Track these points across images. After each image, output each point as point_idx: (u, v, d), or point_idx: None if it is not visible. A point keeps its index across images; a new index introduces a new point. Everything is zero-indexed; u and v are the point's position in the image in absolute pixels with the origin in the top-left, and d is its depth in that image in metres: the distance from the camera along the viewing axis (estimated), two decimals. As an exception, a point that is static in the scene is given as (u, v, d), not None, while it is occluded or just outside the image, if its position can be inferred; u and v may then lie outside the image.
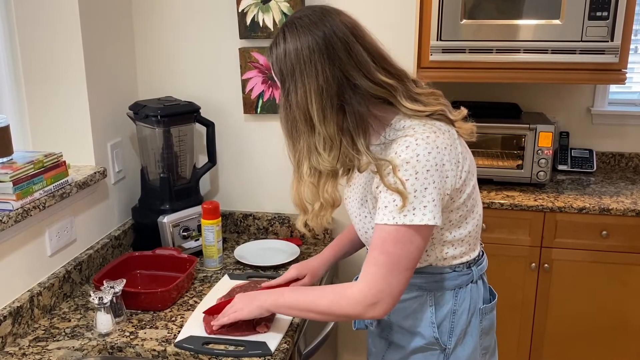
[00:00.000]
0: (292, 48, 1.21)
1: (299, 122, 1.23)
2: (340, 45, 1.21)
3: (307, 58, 1.20)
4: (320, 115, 1.21)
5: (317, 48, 1.20)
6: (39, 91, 1.82)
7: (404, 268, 1.22)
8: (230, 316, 1.43)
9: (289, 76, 1.22)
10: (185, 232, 1.95)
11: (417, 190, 1.18)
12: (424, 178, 1.18)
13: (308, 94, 1.20)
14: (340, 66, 1.20)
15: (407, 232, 1.20)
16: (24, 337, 1.51)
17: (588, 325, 2.43)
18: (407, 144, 1.20)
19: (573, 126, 2.83)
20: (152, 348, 1.45)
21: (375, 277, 1.22)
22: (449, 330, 1.37)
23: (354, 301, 1.25)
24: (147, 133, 1.94)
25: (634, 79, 2.84)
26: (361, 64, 1.22)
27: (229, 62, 2.04)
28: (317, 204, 1.28)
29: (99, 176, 1.81)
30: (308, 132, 1.23)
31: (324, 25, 1.21)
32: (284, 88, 1.25)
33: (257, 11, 1.95)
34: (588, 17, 2.27)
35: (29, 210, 1.50)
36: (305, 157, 1.25)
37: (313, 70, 1.20)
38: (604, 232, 2.32)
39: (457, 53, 2.39)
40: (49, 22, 1.76)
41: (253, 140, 2.11)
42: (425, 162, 1.18)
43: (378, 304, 1.23)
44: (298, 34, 1.21)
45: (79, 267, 1.75)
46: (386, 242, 1.21)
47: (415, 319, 1.37)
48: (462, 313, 1.37)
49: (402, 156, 1.19)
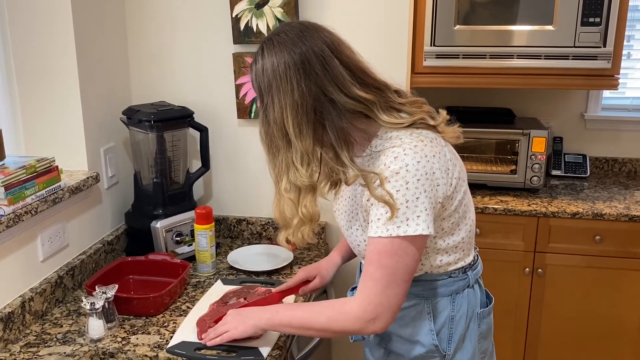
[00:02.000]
0: (269, 64, 1.22)
1: (276, 137, 1.23)
2: (316, 60, 1.21)
3: (283, 73, 1.21)
4: (296, 130, 1.21)
5: (293, 64, 1.20)
6: (31, 96, 1.81)
7: (402, 280, 1.22)
8: (223, 336, 1.40)
9: (266, 92, 1.23)
10: (179, 237, 1.94)
11: (408, 201, 1.18)
12: (414, 188, 1.18)
13: (284, 110, 1.21)
14: (317, 81, 1.20)
15: (402, 244, 1.20)
16: (15, 343, 1.50)
17: (582, 329, 2.44)
18: (395, 154, 1.20)
19: (566, 131, 2.84)
20: (144, 354, 1.44)
21: (374, 292, 1.21)
22: (448, 336, 1.36)
23: (352, 317, 1.24)
24: (141, 138, 1.94)
25: (627, 84, 2.85)
26: (337, 78, 1.21)
27: (222, 67, 2.04)
28: (295, 219, 1.27)
29: (91, 181, 1.81)
30: (285, 148, 1.23)
31: (301, 42, 1.22)
32: (262, 104, 1.25)
33: (251, 16, 1.95)
34: (581, 23, 2.28)
35: (20, 215, 1.50)
36: (284, 172, 1.25)
37: (288, 86, 1.20)
38: (597, 237, 2.32)
39: (451, 58, 2.39)
40: (42, 27, 1.75)
41: (247, 145, 2.10)
42: (415, 172, 1.18)
43: (378, 318, 1.22)
44: (275, 51, 1.22)
45: (71, 272, 1.75)
46: (382, 256, 1.21)
47: (414, 327, 1.36)
48: (460, 318, 1.36)
49: (391, 167, 1.19)
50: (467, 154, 2.60)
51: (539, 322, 2.46)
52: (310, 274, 1.61)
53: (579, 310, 2.41)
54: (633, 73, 2.85)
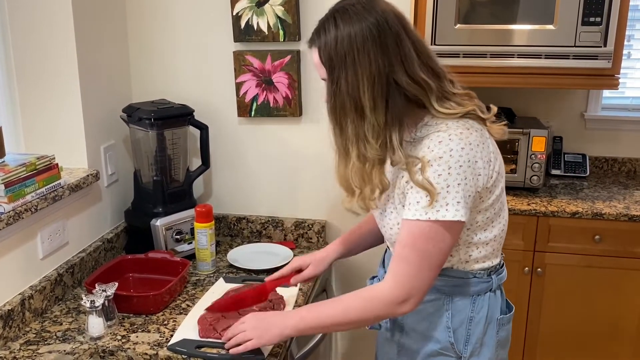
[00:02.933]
0: (345, 34, 1.19)
1: (348, 109, 1.21)
2: (391, 35, 1.19)
3: (361, 46, 1.18)
4: (371, 103, 1.19)
5: (371, 36, 1.18)
6: (32, 93, 1.81)
7: (435, 265, 1.22)
8: (247, 345, 1.34)
9: (341, 63, 1.20)
10: (178, 236, 1.94)
11: (450, 186, 1.17)
12: (456, 174, 1.17)
13: (361, 82, 1.18)
14: (389, 57, 1.18)
15: (440, 229, 1.19)
16: (15, 341, 1.50)
17: (581, 329, 2.44)
18: (440, 139, 1.19)
19: (566, 131, 2.84)
20: (144, 352, 1.44)
21: (407, 274, 1.22)
22: (465, 337, 1.35)
23: (386, 301, 1.24)
24: (141, 136, 1.94)
25: (627, 84, 2.85)
26: (407, 58, 1.20)
27: (223, 65, 2.04)
28: (367, 189, 1.26)
29: (91, 179, 1.80)
30: (357, 120, 1.21)
31: (377, 13, 1.19)
32: (333, 75, 1.22)
33: (252, 14, 1.95)
34: (581, 23, 2.28)
35: (20, 213, 1.49)
36: (353, 144, 1.23)
37: (366, 59, 1.18)
38: (596, 237, 2.32)
39: (451, 57, 2.39)
40: (43, 24, 1.75)
41: (247, 143, 2.10)
42: (459, 158, 1.18)
43: (408, 300, 1.23)
44: (351, 21, 1.19)
45: (71, 270, 1.75)
46: (417, 239, 1.21)
47: (431, 322, 1.35)
48: (479, 321, 1.35)
49: (434, 151, 1.18)
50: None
51: (538, 322, 2.46)
52: (304, 262, 1.59)
53: (578, 309, 2.41)
54: (633, 73, 2.84)
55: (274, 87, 2.01)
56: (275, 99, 2.02)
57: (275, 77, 2.00)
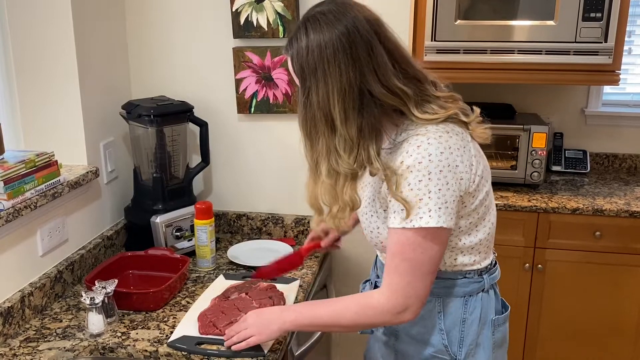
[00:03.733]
0: (315, 45, 1.15)
1: (318, 122, 1.18)
2: (363, 44, 1.16)
3: (331, 57, 1.15)
4: (342, 116, 1.16)
5: (341, 47, 1.14)
6: (31, 90, 1.81)
7: (427, 272, 1.20)
8: (249, 341, 1.35)
9: (311, 74, 1.17)
10: (178, 232, 1.94)
11: (431, 192, 1.15)
12: (437, 179, 1.15)
13: (331, 94, 1.15)
14: (360, 68, 1.15)
15: (426, 236, 1.17)
16: (15, 338, 1.50)
17: (581, 325, 2.44)
18: (419, 143, 1.16)
19: (567, 127, 2.84)
20: (143, 349, 1.44)
21: (401, 285, 1.20)
22: (459, 339, 1.32)
23: (381, 310, 1.22)
24: (140, 133, 1.93)
25: (628, 80, 2.84)
26: (380, 67, 1.17)
27: (222, 61, 2.03)
28: (335, 207, 1.23)
29: (91, 176, 1.80)
30: (328, 133, 1.18)
31: (348, 21, 1.16)
32: (304, 86, 1.19)
33: (251, 11, 1.94)
34: (582, 18, 2.27)
35: (20, 209, 1.49)
36: (324, 158, 1.20)
37: (336, 70, 1.15)
38: (597, 233, 2.32)
39: (452, 54, 2.39)
40: (42, 21, 1.74)
41: (247, 140, 2.10)
42: (438, 163, 1.15)
43: (407, 309, 1.21)
44: (322, 30, 1.16)
45: (71, 267, 1.74)
46: (405, 248, 1.19)
47: (424, 326, 1.33)
48: (472, 322, 1.32)
49: (413, 156, 1.16)
50: (468, 149, 2.58)
51: (539, 318, 2.45)
52: (323, 229, 1.61)
53: (578, 306, 2.41)
54: (634, 69, 2.84)
55: (274, 84, 2.00)
56: (275, 95, 2.01)
57: (275, 73, 1.99)
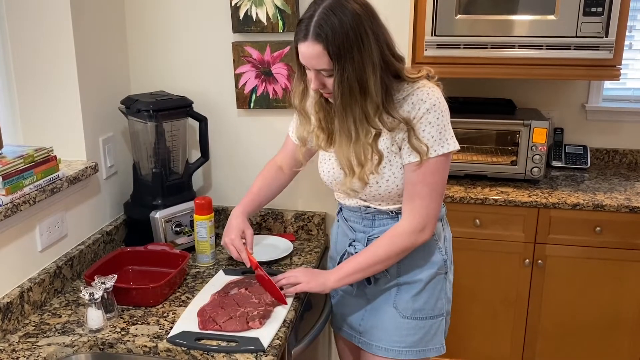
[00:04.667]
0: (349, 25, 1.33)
1: (355, 92, 1.37)
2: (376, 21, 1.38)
3: (364, 34, 1.34)
4: (374, 84, 1.37)
5: (368, 25, 1.35)
6: (30, 85, 1.80)
7: (441, 193, 1.49)
8: (297, 287, 1.56)
9: (347, 52, 1.33)
10: (178, 228, 1.93)
11: (445, 125, 1.44)
12: (447, 114, 1.45)
13: (366, 67, 1.35)
14: (380, 42, 1.37)
15: (443, 161, 1.45)
16: (14, 333, 1.50)
17: (581, 320, 2.44)
18: (427, 91, 1.43)
19: (567, 122, 2.83)
20: (143, 344, 1.44)
21: (422, 206, 1.47)
22: (450, 255, 1.63)
23: (407, 233, 1.48)
24: (139, 128, 1.93)
25: (629, 75, 2.84)
26: (388, 40, 1.41)
27: (222, 56, 2.02)
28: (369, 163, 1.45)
29: (90, 171, 1.80)
30: (362, 101, 1.38)
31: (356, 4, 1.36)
32: (340, 63, 1.34)
33: (251, 5, 1.93)
34: (583, 13, 2.26)
35: (18, 205, 1.49)
36: (359, 123, 1.41)
37: (369, 45, 1.35)
38: (597, 228, 2.32)
39: (452, 48, 2.38)
40: (40, 15, 1.74)
41: (246, 135, 2.09)
42: (443, 102, 1.45)
43: (425, 228, 1.48)
44: (344, 14, 1.33)
45: (70, 262, 1.74)
46: (427, 175, 1.44)
47: (425, 252, 1.57)
48: (450, 239, 1.65)
49: (427, 101, 1.42)
50: (468, 144, 2.59)
51: (539, 313, 2.46)
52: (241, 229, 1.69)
53: (578, 301, 2.41)
54: (634, 64, 2.83)
55: (273, 79, 1.99)
56: (274, 90, 2.01)
57: (275, 68, 1.98)
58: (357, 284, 1.63)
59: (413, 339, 1.60)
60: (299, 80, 1.51)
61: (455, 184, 2.51)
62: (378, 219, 1.59)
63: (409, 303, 1.59)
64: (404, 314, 1.59)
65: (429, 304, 1.60)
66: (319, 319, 1.69)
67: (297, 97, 1.54)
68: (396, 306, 1.60)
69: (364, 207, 1.59)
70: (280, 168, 1.77)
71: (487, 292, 2.47)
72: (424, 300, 1.59)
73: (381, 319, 1.62)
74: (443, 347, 1.64)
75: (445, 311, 1.65)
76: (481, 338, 2.54)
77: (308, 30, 1.35)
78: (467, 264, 2.38)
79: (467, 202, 2.36)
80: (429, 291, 1.59)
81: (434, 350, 1.62)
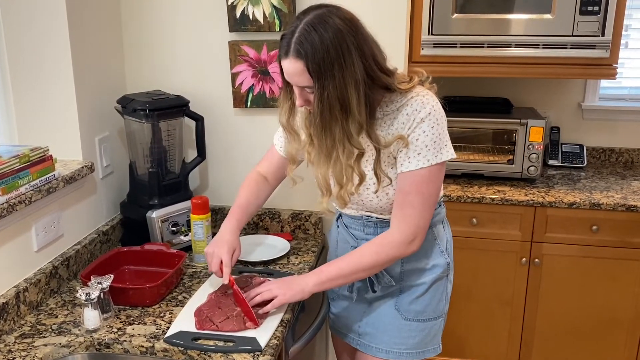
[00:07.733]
0: (330, 43, 1.28)
1: (335, 111, 1.32)
2: (360, 36, 1.32)
3: (346, 52, 1.29)
4: (356, 102, 1.32)
5: (350, 42, 1.30)
6: (25, 84, 1.79)
7: (433, 203, 1.45)
8: (274, 302, 1.48)
9: (327, 69, 1.29)
10: (174, 228, 1.93)
11: (440, 134, 1.40)
12: (443, 122, 1.41)
13: (348, 85, 1.30)
14: (364, 57, 1.32)
15: (438, 170, 1.42)
16: (10, 334, 1.49)
17: (578, 319, 2.44)
18: (421, 100, 1.40)
19: (564, 121, 2.84)
20: (140, 344, 1.43)
21: (413, 217, 1.42)
22: (452, 257, 1.62)
23: (397, 243, 1.44)
24: (136, 127, 1.92)
25: (625, 74, 2.84)
26: (375, 54, 1.35)
27: (218, 55, 2.02)
28: (349, 183, 1.42)
29: (86, 171, 1.79)
30: (344, 120, 1.33)
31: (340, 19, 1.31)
32: (320, 81, 1.30)
33: (247, 4, 1.93)
34: (579, 12, 2.27)
35: (14, 205, 1.48)
36: (340, 143, 1.36)
37: (350, 63, 1.30)
38: (594, 227, 2.32)
39: (449, 47, 2.38)
40: (35, 13, 1.73)
41: (243, 134, 2.09)
42: (439, 110, 1.41)
43: (415, 239, 1.44)
44: (326, 30, 1.29)
45: (66, 262, 1.73)
46: (420, 185, 1.41)
47: (426, 255, 1.56)
48: (451, 240, 1.63)
49: (422, 111, 1.39)
50: (464, 144, 2.59)
51: (536, 312, 2.46)
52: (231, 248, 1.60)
53: (575, 300, 2.42)
54: (630, 63, 2.84)
55: (270, 78, 1.99)
56: (271, 89, 2.00)
57: (272, 67, 1.98)
58: (357, 291, 1.62)
59: (414, 341, 1.59)
60: (285, 97, 1.47)
61: (452, 183, 2.51)
62: (380, 227, 1.57)
63: (412, 305, 1.58)
64: (406, 316, 1.59)
65: (430, 306, 1.59)
66: (316, 318, 1.69)
67: (284, 114, 1.48)
68: (398, 308, 1.59)
69: (365, 216, 1.58)
70: (265, 179, 1.73)
71: (484, 291, 2.47)
72: (427, 303, 1.58)
73: (382, 321, 1.62)
74: (439, 347, 1.64)
75: (445, 311, 1.65)
76: (478, 337, 2.54)
77: (289, 47, 1.32)
78: (464, 263, 2.39)
79: (463, 201, 2.36)
80: (432, 293, 1.58)
81: (432, 350, 1.63)
